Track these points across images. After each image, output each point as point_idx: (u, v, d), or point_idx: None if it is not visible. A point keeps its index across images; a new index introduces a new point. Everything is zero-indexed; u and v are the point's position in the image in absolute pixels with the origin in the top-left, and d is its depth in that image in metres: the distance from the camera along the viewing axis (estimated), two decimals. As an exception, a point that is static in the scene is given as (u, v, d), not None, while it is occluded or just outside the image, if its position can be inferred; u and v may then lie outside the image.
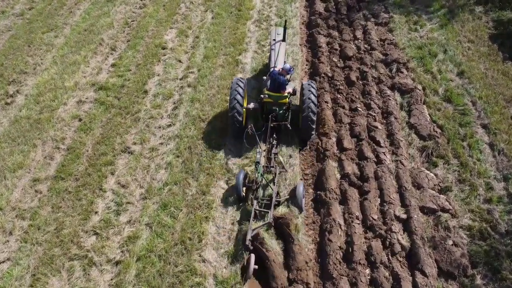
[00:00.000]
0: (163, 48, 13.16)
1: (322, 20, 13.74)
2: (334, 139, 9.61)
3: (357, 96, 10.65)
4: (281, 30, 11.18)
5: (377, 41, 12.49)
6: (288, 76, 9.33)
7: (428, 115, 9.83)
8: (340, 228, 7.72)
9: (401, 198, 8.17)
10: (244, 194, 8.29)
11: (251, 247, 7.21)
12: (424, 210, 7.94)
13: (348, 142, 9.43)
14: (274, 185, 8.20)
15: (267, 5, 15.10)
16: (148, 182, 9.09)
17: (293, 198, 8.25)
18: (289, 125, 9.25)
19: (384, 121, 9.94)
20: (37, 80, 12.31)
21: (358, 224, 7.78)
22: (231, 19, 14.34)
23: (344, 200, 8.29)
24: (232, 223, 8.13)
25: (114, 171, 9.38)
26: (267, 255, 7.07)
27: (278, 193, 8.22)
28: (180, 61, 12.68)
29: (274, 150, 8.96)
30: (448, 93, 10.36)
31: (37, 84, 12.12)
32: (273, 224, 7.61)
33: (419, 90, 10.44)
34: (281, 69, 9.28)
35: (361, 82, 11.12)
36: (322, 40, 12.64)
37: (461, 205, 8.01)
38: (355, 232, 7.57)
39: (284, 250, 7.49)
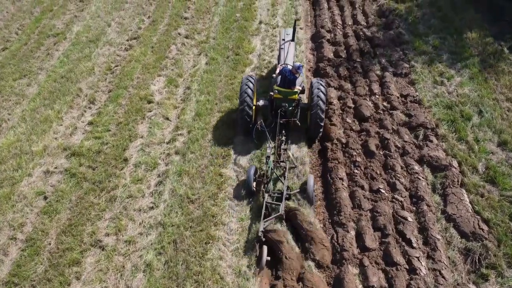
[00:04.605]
0: (149, 102, 11.39)
1: (331, 68, 11.89)
2: (352, 233, 7.75)
3: (378, 172, 8.80)
4: (290, 30, 11.40)
5: (398, 97, 10.62)
6: (297, 74, 9.42)
7: (469, 203, 7.88)
8: None
9: (445, 331, 6.29)
10: (254, 188, 8.48)
11: (264, 239, 7.34)
12: None
13: (370, 239, 7.58)
14: (284, 179, 8.27)
15: (268, 48, 13.29)
16: (121, 292, 7.25)
17: (303, 192, 8.30)
18: (298, 122, 9.33)
19: (414, 208, 8.06)
20: (1, 142, 10.55)
21: None
22: (228, 65, 12.57)
23: (370, 329, 6.42)
24: None
25: (80, 275, 7.55)
26: (280, 247, 7.26)
27: (288, 187, 8.32)
28: (168, 118, 10.90)
29: (283, 146, 9.06)
30: (491, 171, 8.37)
31: (1, 147, 10.37)
32: (284, 216, 7.75)
33: (455, 167, 8.48)
34: (291, 67, 9.43)
35: (381, 153, 9.24)
36: (332, 95, 10.81)
37: None
38: None
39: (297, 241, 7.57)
